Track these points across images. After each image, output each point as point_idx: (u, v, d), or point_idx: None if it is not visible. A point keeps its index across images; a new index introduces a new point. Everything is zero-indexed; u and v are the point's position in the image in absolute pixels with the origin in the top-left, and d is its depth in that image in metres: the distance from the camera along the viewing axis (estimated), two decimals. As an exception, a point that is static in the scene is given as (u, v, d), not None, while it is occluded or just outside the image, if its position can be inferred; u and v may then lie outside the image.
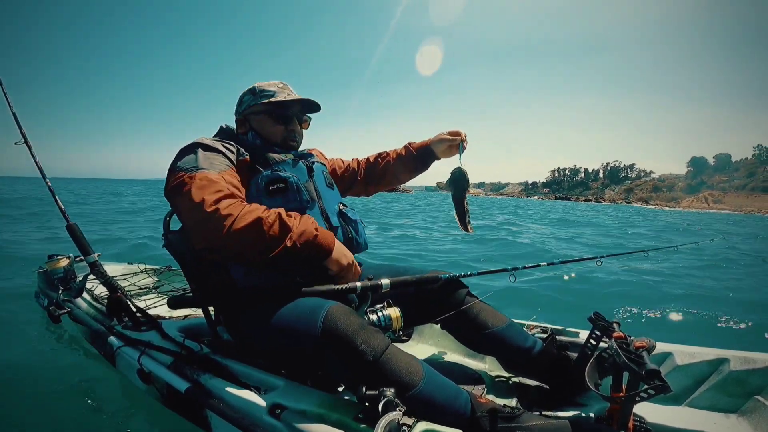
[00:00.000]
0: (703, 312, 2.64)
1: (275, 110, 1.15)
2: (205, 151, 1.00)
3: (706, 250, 6.02)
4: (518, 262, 1.35)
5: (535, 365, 1.09)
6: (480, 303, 1.13)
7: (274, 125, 1.15)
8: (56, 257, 1.87)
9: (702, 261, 5.10)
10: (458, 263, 4.64)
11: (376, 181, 1.45)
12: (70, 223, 1.50)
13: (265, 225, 0.87)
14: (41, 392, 1.48)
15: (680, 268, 4.47)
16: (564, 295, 3.11)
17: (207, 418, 0.97)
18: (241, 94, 1.19)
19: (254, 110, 1.15)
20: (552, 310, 2.75)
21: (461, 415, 0.83)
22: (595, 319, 0.99)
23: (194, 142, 1.04)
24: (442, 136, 1.32)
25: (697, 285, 3.65)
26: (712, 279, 4.01)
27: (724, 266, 4.87)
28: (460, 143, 1.28)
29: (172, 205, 0.99)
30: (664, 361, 1.08)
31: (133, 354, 1.20)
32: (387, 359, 0.82)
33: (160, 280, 2.16)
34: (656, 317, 2.60)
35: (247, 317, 0.98)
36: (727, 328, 2.44)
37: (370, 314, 0.94)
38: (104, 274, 1.44)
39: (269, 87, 1.16)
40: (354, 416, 0.79)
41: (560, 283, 3.44)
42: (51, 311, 1.54)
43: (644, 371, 0.71)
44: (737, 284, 3.81)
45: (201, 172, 0.93)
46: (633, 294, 3.17)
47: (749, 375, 0.95)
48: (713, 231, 12.97)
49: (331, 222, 1.13)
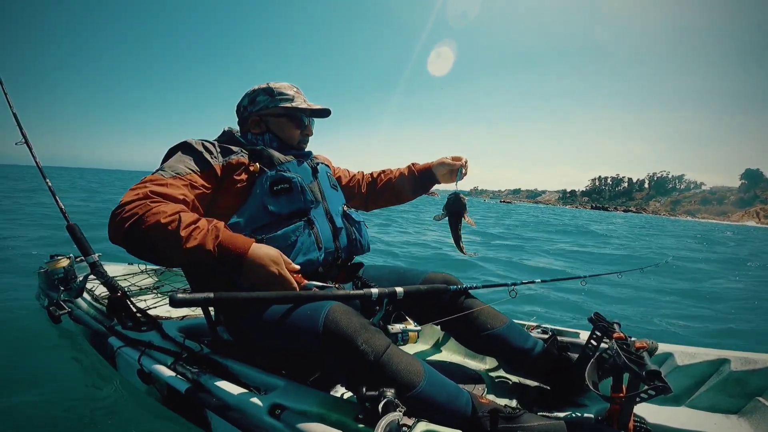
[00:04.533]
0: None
1: (295, 115, 1.17)
2: (184, 153, 1.01)
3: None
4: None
5: (535, 366, 1.09)
6: (480, 304, 1.13)
7: (293, 129, 1.17)
8: (57, 257, 1.87)
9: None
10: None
11: (375, 197, 1.44)
12: (70, 223, 1.50)
13: (164, 225, 0.82)
14: (41, 392, 1.48)
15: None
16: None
17: (207, 419, 0.97)
18: (251, 92, 1.17)
19: (273, 112, 1.15)
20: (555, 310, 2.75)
21: (462, 415, 0.83)
22: (596, 320, 0.99)
23: (179, 143, 1.05)
24: (444, 160, 1.31)
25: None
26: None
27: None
28: (459, 169, 1.27)
29: None
30: (665, 362, 1.08)
31: (134, 354, 1.20)
32: (388, 359, 0.82)
33: (161, 280, 2.16)
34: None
35: (248, 317, 0.98)
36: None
37: (390, 328, 0.94)
38: (104, 274, 1.44)
39: (287, 90, 1.17)
40: (354, 416, 0.79)
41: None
42: (51, 311, 1.54)
43: (644, 372, 0.71)
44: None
45: (155, 174, 0.95)
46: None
47: (750, 376, 0.95)
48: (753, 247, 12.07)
49: (335, 223, 1.13)
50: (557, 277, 1.37)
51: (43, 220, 6.07)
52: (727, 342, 2.45)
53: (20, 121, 1.59)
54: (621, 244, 9.87)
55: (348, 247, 1.16)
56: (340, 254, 1.14)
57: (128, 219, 0.83)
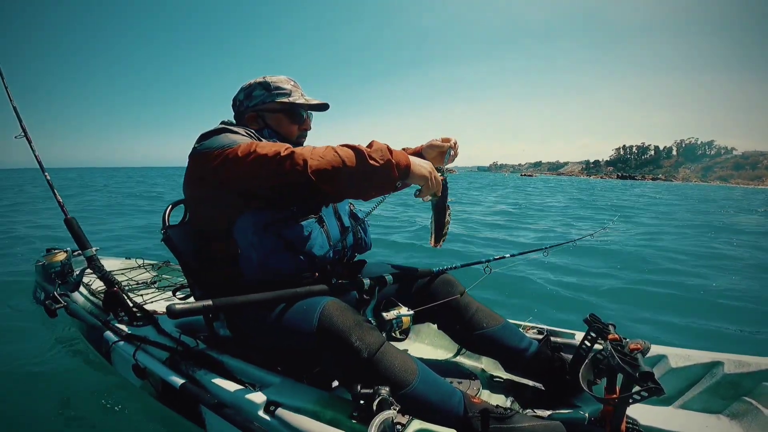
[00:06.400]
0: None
1: (293, 111, 1.14)
2: (232, 134, 0.99)
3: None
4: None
5: (530, 366, 1.09)
6: (476, 303, 1.14)
7: (290, 125, 1.15)
8: (54, 251, 1.87)
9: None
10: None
11: None
12: (68, 216, 1.50)
13: (341, 148, 0.87)
14: (35, 387, 1.48)
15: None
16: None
17: (201, 414, 0.97)
18: (247, 86, 1.15)
19: (269, 108, 1.13)
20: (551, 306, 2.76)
21: (454, 414, 0.83)
22: (591, 321, 0.99)
23: (220, 126, 1.03)
24: (433, 143, 1.25)
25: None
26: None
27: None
28: (448, 150, 1.18)
29: (220, 181, 0.94)
30: (658, 363, 1.09)
31: (129, 349, 1.20)
32: (381, 357, 0.82)
33: (158, 275, 2.16)
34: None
35: (246, 313, 0.98)
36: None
37: (385, 314, 0.95)
38: (101, 268, 1.44)
39: (284, 84, 1.14)
40: (349, 414, 0.80)
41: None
42: (47, 305, 1.54)
43: (638, 373, 0.71)
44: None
45: (246, 143, 0.91)
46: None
47: (743, 378, 0.96)
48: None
49: (343, 222, 1.13)
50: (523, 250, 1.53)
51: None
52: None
53: (20, 114, 1.59)
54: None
55: (354, 245, 1.17)
56: (347, 252, 1.15)
57: (302, 153, 0.85)
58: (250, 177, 0.89)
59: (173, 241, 1.10)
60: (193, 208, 1.08)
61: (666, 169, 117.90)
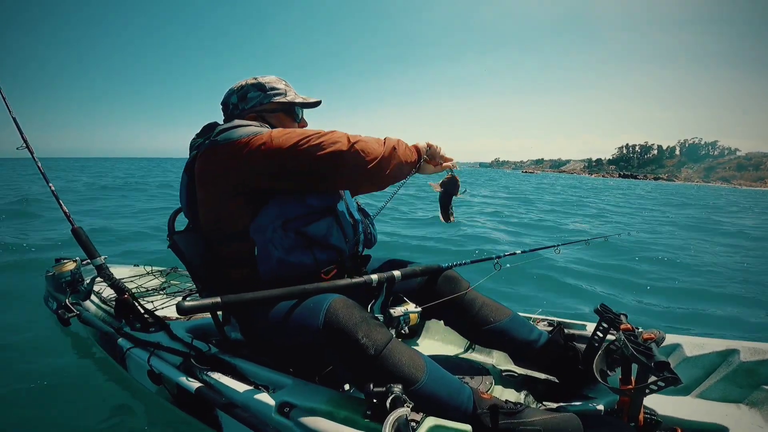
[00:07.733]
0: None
1: (291, 109, 1.17)
2: (254, 127, 1.01)
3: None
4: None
5: (541, 358, 1.09)
6: (482, 298, 1.14)
7: (290, 123, 1.18)
8: (63, 261, 1.88)
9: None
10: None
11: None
12: (75, 226, 1.50)
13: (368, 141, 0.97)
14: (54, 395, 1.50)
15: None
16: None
17: (218, 418, 0.98)
18: (239, 88, 1.14)
19: (268, 108, 1.14)
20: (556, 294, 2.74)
21: (464, 410, 0.82)
22: (602, 311, 0.98)
23: (235, 121, 1.02)
24: (435, 155, 1.24)
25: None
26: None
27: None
28: (446, 170, 1.19)
29: (247, 167, 0.94)
30: (673, 353, 1.08)
31: (143, 355, 1.21)
32: (389, 353, 0.81)
33: (167, 281, 2.17)
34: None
35: (257, 314, 0.98)
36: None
37: (392, 311, 0.95)
38: (111, 276, 1.45)
39: (277, 84, 1.16)
40: (362, 413, 0.80)
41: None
42: (60, 314, 1.56)
43: (653, 363, 0.70)
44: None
45: (278, 128, 1.00)
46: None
47: (759, 366, 0.95)
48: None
49: (354, 217, 1.13)
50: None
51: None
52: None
53: (20, 126, 1.60)
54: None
55: (363, 240, 1.18)
56: (358, 247, 1.16)
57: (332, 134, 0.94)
58: (291, 155, 0.92)
59: (180, 248, 1.10)
60: (204, 211, 1.06)
61: (668, 168, 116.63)
